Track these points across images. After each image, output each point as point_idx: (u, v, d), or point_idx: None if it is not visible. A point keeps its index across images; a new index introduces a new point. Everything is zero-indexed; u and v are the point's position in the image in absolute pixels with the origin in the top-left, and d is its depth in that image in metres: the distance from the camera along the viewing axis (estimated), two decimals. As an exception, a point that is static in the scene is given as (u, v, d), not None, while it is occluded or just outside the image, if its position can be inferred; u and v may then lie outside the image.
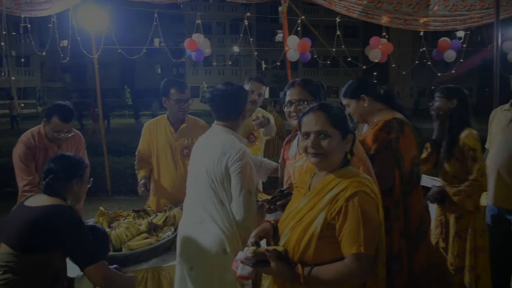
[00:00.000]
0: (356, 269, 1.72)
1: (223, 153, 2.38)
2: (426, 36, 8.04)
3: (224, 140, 2.44)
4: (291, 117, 2.47)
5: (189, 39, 7.07)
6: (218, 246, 2.39)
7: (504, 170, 3.34)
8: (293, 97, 2.45)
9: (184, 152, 3.64)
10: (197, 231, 2.47)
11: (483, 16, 6.57)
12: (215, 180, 2.39)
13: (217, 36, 41.74)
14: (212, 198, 2.42)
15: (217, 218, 2.41)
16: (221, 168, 2.37)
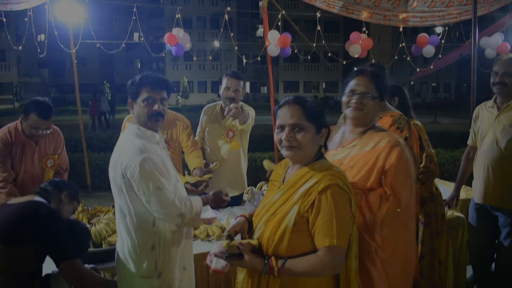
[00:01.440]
0: (329, 261, 1.75)
1: (119, 154, 2.23)
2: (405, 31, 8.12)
3: (123, 140, 2.32)
4: (348, 107, 2.23)
5: (169, 33, 7.01)
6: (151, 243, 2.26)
7: (493, 168, 3.37)
8: (359, 87, 2.20)
9: None
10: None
11: (461, 13, 6.67)
12: (115, 185, 2.25)
13: (198, 31, 41.45)
14: (120, 200, 2.27)
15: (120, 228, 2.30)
16: (118, 171, 2.19)
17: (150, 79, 2.34)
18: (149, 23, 41.51)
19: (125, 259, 2.27)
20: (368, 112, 2.20)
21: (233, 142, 4.00)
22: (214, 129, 4.00)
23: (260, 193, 3.64)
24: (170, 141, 3.75)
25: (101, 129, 18.61)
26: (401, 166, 2.09)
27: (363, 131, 2.24)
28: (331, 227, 1.74)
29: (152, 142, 2.31)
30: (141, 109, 2.30)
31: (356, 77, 2.25)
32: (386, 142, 2.13)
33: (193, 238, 3.03)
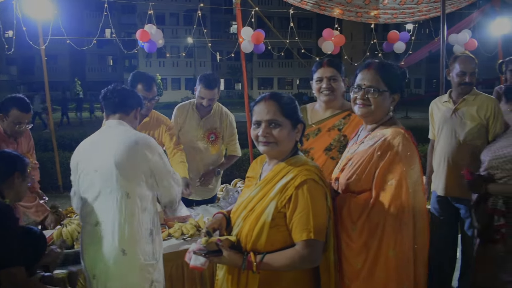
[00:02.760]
0: (307, 255, 1.78)
1: (135, 142, 2.37)
2: (377, 28, 8.25)
3: (127, 131, 2.45)
4: (355, 104, 2.13)
5: (141, 30, 6.92)
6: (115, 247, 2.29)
7: (452, 160, 3.46)
8: (364, 82, 2.08)
9: None
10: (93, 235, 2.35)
11: (430, 10, 6.81)
12: (122, 174, 2.30)
13: (171, 27, 41.02)
14: (118, 193, 2.31)
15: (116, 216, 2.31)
16: (139, 156, 2.34)
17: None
18: (121, 19, 40.84)
19: (126, 254, 2.28)
20: (377, 108, 2.06)
21: (216, 146, 3.92)
22: (192, 129, 3.87)
23: (235, 190, 3.64)
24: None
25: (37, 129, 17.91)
26: (390, 166, 1.93)
27: (373, 128, 2.12)
28: (308, 221, 1.76)
29: None
30: (138, 120, 2.66)
31: (361, 71, 2.11)
32: (383, 139, 1.98)
33: (168, 237, 3.03)
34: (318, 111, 2.83)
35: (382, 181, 1.93)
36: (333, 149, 2.63)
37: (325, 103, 2.74)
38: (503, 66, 4.38)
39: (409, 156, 1.95)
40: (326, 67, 2.69)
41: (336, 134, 2.66)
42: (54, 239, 2.75)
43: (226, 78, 46.47)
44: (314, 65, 2.81)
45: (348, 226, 1.97)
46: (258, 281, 1.83)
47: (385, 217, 1.89)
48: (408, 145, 1.97)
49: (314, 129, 2.74)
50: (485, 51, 8.17)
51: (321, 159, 2.63)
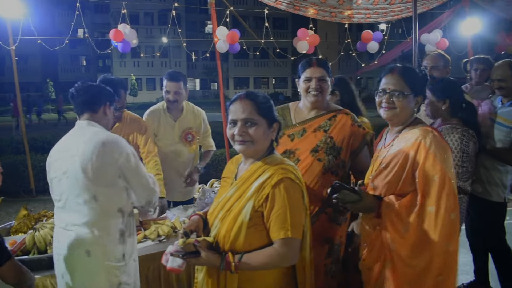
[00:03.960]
0: (285, 253, 1.79)
1: (94, 145, 2.27)
2: (351, 28, 8.34)
3: (97, 132, 2.36)
4: (381, 107, 2.20)
5: (115, 29, 6.83)
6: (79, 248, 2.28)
7: None
8: (388, 86, 2.15)
9: None
10: (61, 235, 2.34)
11: (402, 10, 6.92)
12: (93, 175, 2.25)
13: (145, 27, 40.60)
14: (85, 195, 2.27)
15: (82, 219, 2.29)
16: (94, 160, 2.24)
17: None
18: (94, 19, 40.22)
19: (91, 256, 2.25)
20: (402, 111, 2.12)
21: (193, 145, 3.91)
22: (167, 133, 3.82)
23: (211, 191, 3.62)
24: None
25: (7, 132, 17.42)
26: (429, 164, 1.99)
27: (400, 130, 2.18)
28: (285, 219, 1.77)
29: None
30: (112, 114, 2.56)
31: (385, 76, 2.19)
32: (413, 140, 2.05)
33: (144, 239, 2.99)
34: (302, 111, 2.75)
35: (427, 178, 1.99)
36: (319, 151, 2.56)
37: (312, 104, 2.66)
38: (468, 65, 4.47)
39: (443, 153, 2.02)
40: (315, 67, 2.62)
41: (323, 136, 2.59)
42: (26, 244, 2.68)
43: (201, 78, 46.31)
44: (302, 63, 2.71)
45: (399, 228, 2.02)
46: (237, 281, 1.84)
47: (436, 213, 1.95)
48: (439, 141, 2.05)
49: (299, 129, 2.65)
50: (456, 50, 8.34)
51: (307, 160, 2.56)
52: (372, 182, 2.22)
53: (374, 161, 2.29)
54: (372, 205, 2.12)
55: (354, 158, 2.62)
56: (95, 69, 43.30)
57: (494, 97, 3.84)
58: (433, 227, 1.94)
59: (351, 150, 2.60)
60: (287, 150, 2.58)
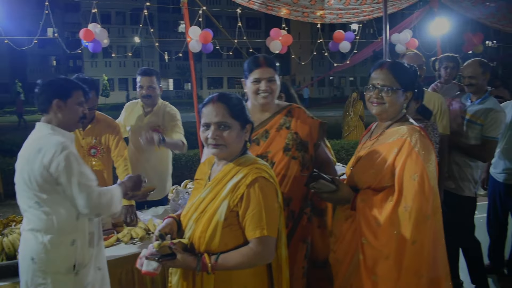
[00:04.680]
0: (261, 251, 1.80)
1: (37, 151, 2.17)
2: (324, 28, 8.42)
3: (41, 136, 2.26)
4: (371, 103, 2.19)
5: (85, 29, 6.69)
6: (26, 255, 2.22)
7: None
8: (378, 81, 2.15)
9: (91, 152, 3.47)
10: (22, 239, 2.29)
11: (373, 10, 7.02)
12: (32, 181, 2.16)
13: (117, 26, 40.08)
14: (29, 201, 2.20)
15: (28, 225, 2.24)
16: (38, 167, 2.14)
17: (80, 84, 2.42)
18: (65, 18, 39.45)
19: (36, 263, 2.18)
20: (391, 106, 2.13)
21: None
22: (136, 126, 3.87)
23: (185, 192, 3.59)
24: (98, 146, 3.52)
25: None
26: (411, 162, 1.98)
27: (388, 125, 2.19)
28: (260, 218, 1.78)
29: (70, 140, 2.32)
30: (73, 111, 2.34)
31: (375, 71, 2.18)
32: (399, 136, 2.06)
33: (116, 242, 2.95)
34: (254, 112, 2.56)
35: (405, 176, 1.97)
36: (291, 148, 2.49)
37: (262, 106, 2.55)
38: (436, 64, 4.57)
39: (427, 152, 2.01)
40: (264, 67, 2.48)
41: (288, 133, 2.53)
42: (-6, 250, 2.61)
43: (175, 78, 46.00)
44: (248, 63, 2.55)
45: (372, 222, 2.01)
46: (213, 282, 1.83)
47: (410, 211, 1.93)
48: (425, 141, 2.04)
49: (261, 132, 2.54)
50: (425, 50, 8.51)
51: (283, 161, 2.47)
52: (352, 173, 2.24)
53: (357, 152, 2.29)
54: (348, 197, 2.12)
55: (316, 150, 2.58)
56: (65, 69, 42.42)
57: (463, 95, 3.95)
58: (406, 227, 1.94)
59: (313, 143, 2.56)
60: (257, 155, 2.42)
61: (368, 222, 2.03)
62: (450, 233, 3.79)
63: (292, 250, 2.36)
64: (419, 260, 1.97)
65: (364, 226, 2.04)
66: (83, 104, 2.41)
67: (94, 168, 3.44)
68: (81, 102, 2.39)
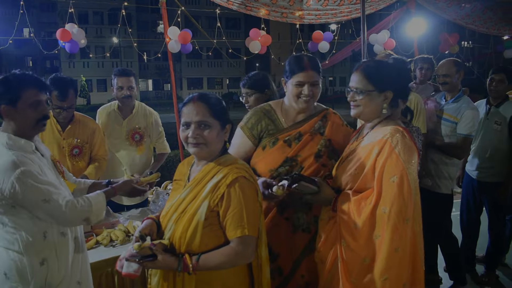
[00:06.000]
0: (242, 251, 1.81)
1: None
2: (303, 28, 8.44)
3: None
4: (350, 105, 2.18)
5: (61, 29, 6.58)
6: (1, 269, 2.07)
7: None
8: (352, 84, 2.14)
9: (74, 151, 3.44)
10: None
11: (351, 11, 7.08)
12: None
13: (95, 26, 39.60)
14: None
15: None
16: None
17: (32, 80, 2.12)
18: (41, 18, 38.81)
19: (8, 279, 2.05)
20: (365, 108, 2.10)
21: (141, 146, 3.84)
22: (115, 131, 3.79)
23: (165, 193, 3.58)
24: (81, 146, 3.49)
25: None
26: (391, 163, 1.95)
27: (372, 126, 2.16)
28: (241, 218, 1.79)
29: (27, 151, 2.09)
30: (26, 114, 2.07)
31: (352, 74, 2.16)
32: (380, 137, 2.03)
33: (96, 245, 2.91)
34: (290, 112, 2.51)
35: (384, 178, 1.95)
36: (323, 156, 2.41)
37: (302, 109, 2.45)
38: (412, 65, 4.65)
39: (408, 153, 1.98)
40: (309, 70, 2.36)
41: (321, 139, 2.44)
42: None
43: (154, 79, 45.67)
44: (291, 62, 2.43)
45: (350, 224, 2.00)
46: (194, 282, 1.83)
47: (389, 214, 1.91)
48: (406, 142, 2.01)
49: (294, 133, 2.43)
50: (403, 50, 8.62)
51: (312, 167, 2.39)
52: (336, 174, 2.24)
53: (344, 153, 2.28)
54: (330, 198, 2.12)
55: None
56: (42, 70, 41.70)
57: (437, 94, 4.03)
58: (384, 229, 1.92)
59: None
60: (288, 158, 2.39)
61: (346, 224, 2.03)
62: (427, 230, 3.88)
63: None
64: (402, 267, 1.96)
65: (343, 228, 2.05)
66: (40, 104, 2.12)
67: (77, 168, 3.43)
68: (36, 102, 2.10)
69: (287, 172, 2.36)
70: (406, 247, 1.96)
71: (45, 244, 2.09)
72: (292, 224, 2.39)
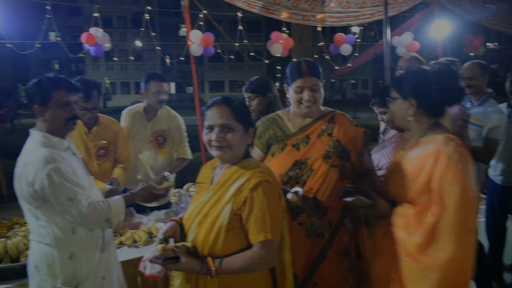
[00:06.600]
0: (265, 255, 1.81)
1: (24, 166, 2.13)
2: (324, 31, 8.40)
3: (30, 148, 2.20)
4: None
5: (86, 33, 6.71)
6: (32, 262, 2.24)
7: None
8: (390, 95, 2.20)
9: (100, 152, 3.53)
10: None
11: (373, 13, 7.02)
12: (24, 195, 2.15)
13: (119, 30, 40.24)
14: (27, 212, 2.21)
15: (32, 233, 2.26)
16: (24, 184, 2.11)
17: (63, 81, 2.25)
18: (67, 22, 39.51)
19: (39, 272, 2.19)
20: (393, 115, 2.15)
21: (164, 149, 3.89)
22: (139, 133, 3.84)
23: (187, 195, 3.61)
24: (107, 147, 3.57)
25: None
26: (449, 174, 1.88)
27: (422, 134, 2.08)
28: (264, 222, 1.79)
29: (60, 149, 2.23)
30: (56, 114, 2.21)
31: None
32: (434, 146, 1.96)
33: (119, 245, 2.96)
34: (297, 118, 2.52)
35: (444, 189, 1.88)
36: (331, 156, 2.39)
37: (305, 114, 2.45)
38: None
39: (465, 162, 1.92)
40: (307, 77, 2.36)
41: (329, 140, 2.43)
42: (-1, 253, 2.63)
43: (176, 82, 46.04)
44: (290, 69, 2.44)
45: (411, 239, 1.94)
46: (216, 285, 1.84)
47: (452, 226, 1.85)
48: (461, 151, 1.95)
49: (301, 137, 2.44)
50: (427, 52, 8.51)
51: (322, 168, 2.37)
52: (387, 185, 2.18)
53: (391, 163, 2.22)
54: (385, 212, 2.06)
55: (360, 160, 2.48)
56: (68, 73, 42.46)
57: None
58: (447, 243, 1.85)
59: (357, 152, 2.47)
60: (297, 161, 2.39)
61: (406, 239, 1.96)
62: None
63: (329, 263, 2.33)
64: (461, 279, 1.91)
65: (403, 243, 1.98)
66: (69, 105, 2.24)
67: (104, 168, 3.53)
68: (65, 103, 2.22)
69: (297, 175, 2.37)
70: (469, 257, 1.91)
71: (73, 239, 2.20)
72: (306, 229, 2.36)
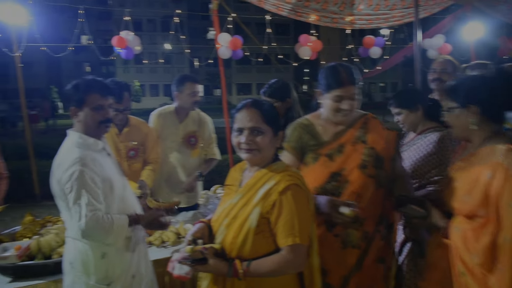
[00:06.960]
0: (293, 259, 1.79)
1: (57, 167, 2.23)
2: (353, 34, 8.34)
3: (66, 148, 2.28)
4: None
5: (117, 36, 6.86)
6: (67, 259, 2.31)
7: None
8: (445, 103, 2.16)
9: (130, 153, 3.59)
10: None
11: (404, 15, 6.93)
12: (57, 192, 2.22)
13: (148, 33, 40.77)
14: (62, 209, 2.26)
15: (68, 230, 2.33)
16: (56, 184, 2.20)
17: (98, 85, 2.32)
18: (98, 25, 40.36)
19: (74, 268, 2.25)
20: (455, 127, 2.06)
21: (196, 149, 3.92)
22: (171, 134, 3.86)
23: (215, 197, 3.62)
24: (137, 148, 3.64)
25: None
26: (509, 189, 1.78)
27: (477, 145, 2.00)
28: (292, 226, 1.78)
29: (94, 150, 2.29)
30: (90, 116, 2.27)
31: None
32: (492, 159, 1.87)
33: (148, 246, 2.99)
34: (329, 124, 2.39)
35: (503, 205, 1.79)
36: (368, 165, 2.28)
37: (340, 122, 2.36)
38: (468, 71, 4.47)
39: None
40: (347, 86, 2.24)
41: (364, 148, 2.32)
42: (31, 250, 2.70)
43: (204, 84, 46.34)
44: (328, 76, 2.30)
45: (468, 255, 1.87)
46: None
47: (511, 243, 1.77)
48: None
49: (335, 146, 2.32)
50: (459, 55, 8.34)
51: (359, 180, 2.26)
52: (442, 197, 2.11)
53: (449, 174, 2.14)
54: (440, 223, 2.00)
55: (393, 165, 2.38)
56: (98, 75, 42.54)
57: None
58: (506, 260, 1.77)
59: (390, 158, 2.36)
60: (332, 173, 2.28)
61: (463, 254, 1.89)
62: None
63: (366, 271, 2.30)
64: None
65: (460, 258, 1.90)
66: (102, 108, 2.30)
67: (134, 169, 3.59)
68: (99, 107, 2.28)
69: (333, 188, 2.27)
70: None
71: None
72: (342, 240, 2.30)
